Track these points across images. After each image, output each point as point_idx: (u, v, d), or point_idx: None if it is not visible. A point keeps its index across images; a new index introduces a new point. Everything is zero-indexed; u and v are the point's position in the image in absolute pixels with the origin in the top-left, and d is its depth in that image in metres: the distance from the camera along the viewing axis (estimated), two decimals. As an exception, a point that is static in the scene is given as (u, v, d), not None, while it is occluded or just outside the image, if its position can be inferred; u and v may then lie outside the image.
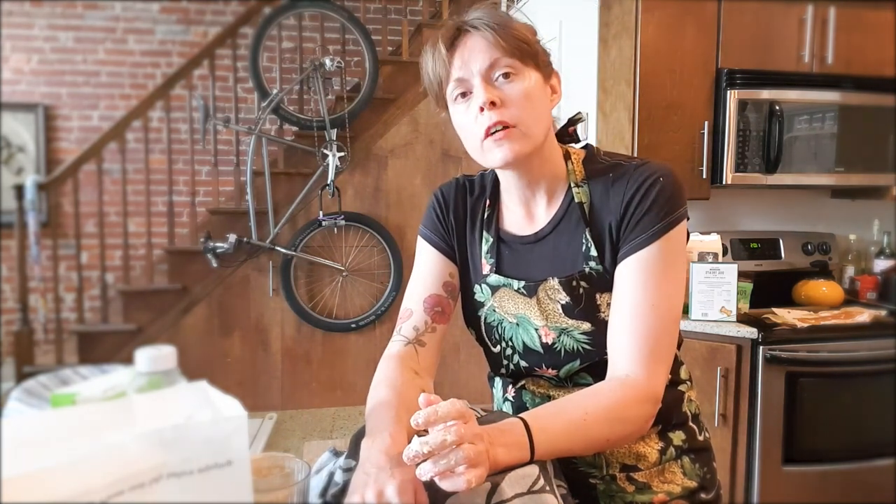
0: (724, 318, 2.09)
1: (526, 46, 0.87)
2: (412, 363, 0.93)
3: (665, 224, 0.86)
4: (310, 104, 3.56)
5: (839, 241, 2.62)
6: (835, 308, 2.30)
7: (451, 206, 1.01)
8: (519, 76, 0.87)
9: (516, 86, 0.86)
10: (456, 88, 0.88)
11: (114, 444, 0.46)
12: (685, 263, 0.91)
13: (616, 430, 0.81)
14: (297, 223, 3.43)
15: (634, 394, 0.82)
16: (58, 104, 4.29)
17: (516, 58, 0.86)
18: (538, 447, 0.75)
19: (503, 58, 0.85)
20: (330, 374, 3.52)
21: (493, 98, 0.85)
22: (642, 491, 0.93)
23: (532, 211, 0.97)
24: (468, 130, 0.88)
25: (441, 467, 0.66)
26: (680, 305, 0.89)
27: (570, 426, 0.78)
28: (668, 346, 0.87)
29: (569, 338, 0.91)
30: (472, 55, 0.86)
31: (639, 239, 0.86)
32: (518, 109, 0.86)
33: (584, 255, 0.91)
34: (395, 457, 0.70)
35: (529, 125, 0.87)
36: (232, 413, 0.50)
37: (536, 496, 0.72)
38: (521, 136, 0.86)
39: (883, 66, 2.32)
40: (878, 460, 2.09)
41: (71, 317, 3.80)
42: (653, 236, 0.86)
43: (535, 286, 0.93)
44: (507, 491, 0.71)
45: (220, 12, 4.45)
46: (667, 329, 0.86)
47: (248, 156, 3.32)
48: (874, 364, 2.06)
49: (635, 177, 0.88)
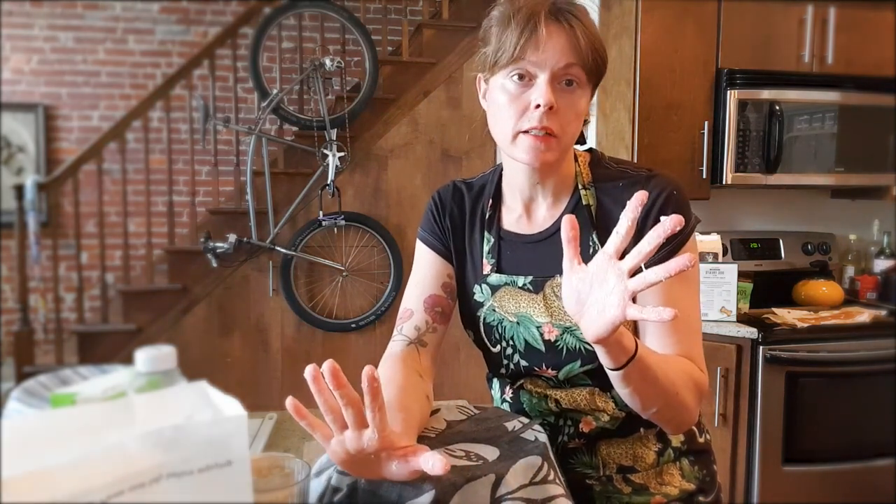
0: (724, 318, 2.09)
1: (601, 63, 0.86)
2: (414, 364, 0.92)
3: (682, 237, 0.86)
4: (310, 104, 3.56)
5: (839, 241, 2.62)
6: (835, 308, 2.30)
7: (448, 210, 1.01)
8: (580, 89, 0.86)
9: (574, 98, 0.86)
10: (517, 68, 0.84)
11: (114, 444, 0.46)
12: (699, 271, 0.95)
13: (683, 394, 0.81)
14: (297, 223, 3.43)
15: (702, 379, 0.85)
16: (58, 104, 4.29)
17: (586, 70, 0.85)
18: (641, 350, 0.74)
19: (577, 65, 0.84)
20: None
21: (553, 103, 0.83)
22: (639, 493, 0.93)
23: (532, 210, 0.96)
24: (507, 113, 0.86)
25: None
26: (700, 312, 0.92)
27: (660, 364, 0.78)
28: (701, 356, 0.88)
29: (572, 336, 0.91)
30: (553, 48, 0.83)
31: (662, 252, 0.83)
32: (567, 122, 0.86)
33: (590, 258, 0.90)
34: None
35: (568, 139, 0.87)
36: (232, 413, 0.50)
37: (540, 487, 0.72)
38: (557, 146, 0.86)
39: (883, 66, 2.32)
40: (878, 460, 2.09)
41: (71, 317, 3.80)
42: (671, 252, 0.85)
43: (542, 282, 0.92)
44: (511, 482, 0.72)
45: (220, 12, 4.45)
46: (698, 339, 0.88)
47: (248, 156, 3.32)
48: (874, 364, 2.06)
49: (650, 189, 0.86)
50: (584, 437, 0.94)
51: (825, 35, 2.30)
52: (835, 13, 2.29)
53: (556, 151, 0.86)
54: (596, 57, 0.85)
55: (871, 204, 2.59)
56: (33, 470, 0.43)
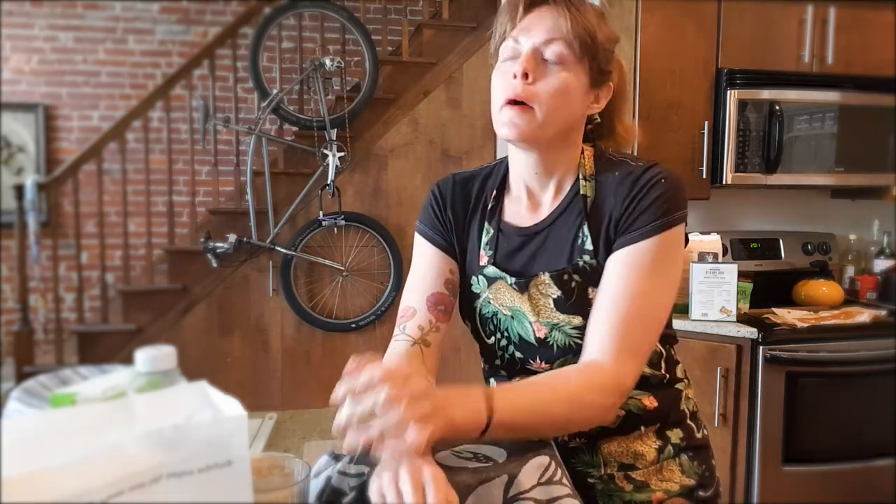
0: (724, 318, 2.09)
1: (588, 41, 0.86)
2: (419, 364, 0.92)
3: (661, 223, 0.85)
4: (310, 104, 3.56)
5: (839, 241, 2.61)
6: (835, 308, 2.30)
7: (449, 202, 1.00)
8: (566, 68, 0.86)
9: (558, 75, 0.86)
10: (509, 48, 0.89)
11: (114, 444, 0.46)
12: (678, 266, 0.89)
13: (575, 412, 0.81)
14: (297, 223, 3.43)
15: (600, 380, 0.81)
16: (58, 104, 4.29)
17: (573, 49, 0.85)
18: (497, 413, 0.72)
19: (558, 42, 0.85)
20: (330, 374, 3.50)
21: (528, 70, 0.85)
22: (640, 490, 0.94)
23: (538, 200, 0.96)
24: (497, 90, 0.88)
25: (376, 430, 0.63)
26: (666, 306, 0.88)
27: (533, 402, 0.77)
28: (642, 341, 0.85)
29: (560, 333, 0.91)
30: (537, 25, 0.87)
31: (633, 234, 0.86)
32: (546, 95, 0.86)
33: (580, 249, 0.90)
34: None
35: (549, 116, 0.86)
36: (232, 413, 0.50)
37: (549, 487, 0.73)
38: (533, 121, 0.86)
39: (883, 66, 2.32)
40: (878, 460, 2.09)
41: (71, 317, 3.80)
42: (647, 233, 0.85)
43: (526, 282, 0.92)
44: (524, 482, 0.72)
45: (220, 12, 4.45)
46: (644, 324, 0.85)
47: (248, 156, 3.32)
48: (874, 364, 2.06)
49: (640, 176, 0.88)
50: (584, 435, 0.94)
51: (825, 35, 2.30)
52: (835, 13, 2.29)
53: (531, 125, 0.86)
54: (584, 33, 0.85)
55: (871, 204, 2.59)
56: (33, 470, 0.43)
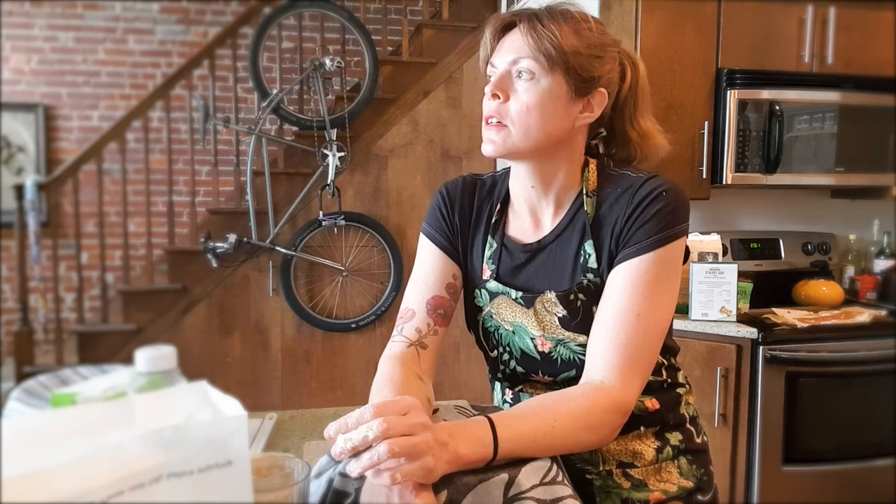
0: (724, 318, 2.09)
1: (553, 53, 0.85)
2: (414, 366, 0.92)
3: (662, 237, 0.85)
4: (310, 104, 3.56)
5: (839, 241, 2.61)
6: (835, 308, 2.30)
7: (457, 206, 1.00)
8: (537, 82, 0.87)
9: (528, 89, 0.87)
10: (489, 72, 0.92)
11: (114, 444, 0.46)
12: (678, 280, 0.89)
13: (582, 437, 0.81)
14: (297, 223, 3.43)
15: (606, 401, 0.81)
16: (58, 104, 4.29)
17: (539, 62, 0.86)
18: (502, 445, 0.74)
19: (525, 59, 0.86)
20: (330, 374, 3.52)
21: (496, 91, 0.88)
22: (638, 488, 0.94)
23: (539, 218, 0.96)
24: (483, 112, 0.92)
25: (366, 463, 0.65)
26: (667, 321, 0.87)
27: (537, 430, 0.77)
28: (647, 358, 0.85)
29: (565, 349, 0.91)
30: (507, 47, 0.89)
31: (634, 248, 0.86)
32: (518, 111, 0.87)
33: (583, 267, 0.90)
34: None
35: (524, 129, 0.87)
36: (232, 413, 0.50)
37: (550, 487, 0.73)
38: (509, 137, 0.88)
39: (883, 66, 2.32)
40: (878, 460, 2.09)
41: (71, 317, 3.80)
42: (648, 247, 0.85)
43: (533, 298, 0.92)
44: (524, 483, 0.72)
45: (220, 12, 4.45)
46: (649, 341, 0.85)
47: (248, 156, 3.32)
48: (874, 364, 2.05)
49: (642, 188, 0.88)
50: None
51: (825, 35, 2.30)
52: (835, 13, 2.28)
53: (507, 141, 0.88)
54: (549, 46, 0.85)
55: (871, 204, 2.59)
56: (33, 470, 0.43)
